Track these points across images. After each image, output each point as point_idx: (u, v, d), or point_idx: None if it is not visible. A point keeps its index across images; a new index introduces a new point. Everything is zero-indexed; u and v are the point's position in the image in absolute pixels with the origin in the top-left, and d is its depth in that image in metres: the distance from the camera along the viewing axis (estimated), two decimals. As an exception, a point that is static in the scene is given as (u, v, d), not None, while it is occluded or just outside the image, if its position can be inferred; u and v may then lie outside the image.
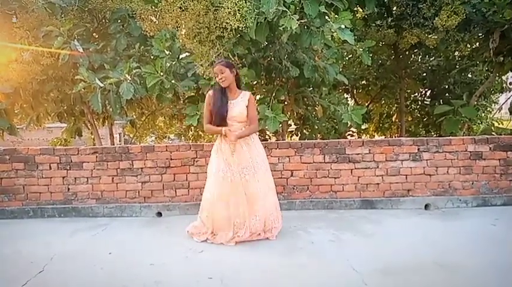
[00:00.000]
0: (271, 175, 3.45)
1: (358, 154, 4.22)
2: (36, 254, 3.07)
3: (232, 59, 4.03)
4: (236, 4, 3.40)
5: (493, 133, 5.88)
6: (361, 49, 4.45)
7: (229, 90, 3.29)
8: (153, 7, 4.14)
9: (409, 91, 7.92)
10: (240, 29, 3.57)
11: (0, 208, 4.16)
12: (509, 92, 7.39)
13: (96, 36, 5.49)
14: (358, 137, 7.75)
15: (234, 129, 3.20)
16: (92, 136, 6.84)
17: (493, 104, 8.38)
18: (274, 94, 4.62)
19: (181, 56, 4.52)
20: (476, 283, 2.47)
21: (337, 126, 6.23)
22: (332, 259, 2.90)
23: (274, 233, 3.34)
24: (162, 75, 4.11)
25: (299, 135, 6.61)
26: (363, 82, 8.02)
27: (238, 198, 3.20)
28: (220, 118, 3.21)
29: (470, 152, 4.21)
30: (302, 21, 3.59)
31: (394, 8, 5.83)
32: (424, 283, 2.48)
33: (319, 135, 6.49)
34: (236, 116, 3.23)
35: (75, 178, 4.20)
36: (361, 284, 2.48)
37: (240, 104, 3.25)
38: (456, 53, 6.75)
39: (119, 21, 4.98)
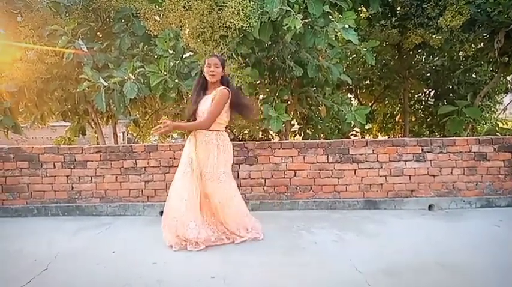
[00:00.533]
0: (231, 184, 3.28)
1: (362, 154, 4.21)
2: (40, 252, 3.08)
3: (236, 59, 4.03)
4: (240, 3, 3.41)
5: (498, 134, 5.85)
6: (365, 49, 4.45)
7: (210, 86, 3.20)
8: (157, 6, 4.16)
9: (413, 91, 7.89)
10: (244, 28, 3.56)
11: (5, 206, 4.19)
12: (514, 92, 7.36)
13: (100, 35, 5.51)
14: (362, 137, 7.73)
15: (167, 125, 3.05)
16: (96, 135, 6.87)
17: (498, 105, 8.33)
18: (277, 94, 4.61)
19: (185, 56, 4.52)
20: (480, 284, 2.46)
21: (340, 127, 6.22)
22: (335, 259, 2.89)
23: (238, 240, 3.21)
24: (166, 75, 4.12)
25: (302, 135, 6.60)
26: (366, 82, 8.00)
27: (192, 197, 3.11)
28: (191, 113, 3.22)
29: (474, 152, 4.19)
30: (306, 20, 3.59)
31: (398, 8, 5.81)
32: (427, 283, 2.47)
33: (322, 135, 6.48)
34: (203, 111, 3.15)
35: (79, 177, 4.22)
36: (364, 284, 2.47)
37: (207, 100, 3.16)
38: (460, 53, 6.71)
39: (123, 20, 5.00)
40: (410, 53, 6.86)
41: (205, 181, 3.15)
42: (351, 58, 7.09)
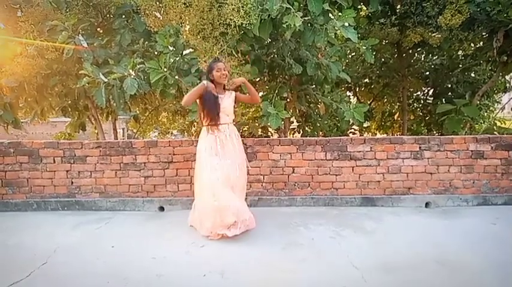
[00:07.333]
0: (246, 173, 3.62)
1: (360, 151, 4.24)
2: (40, 246, 3.11)
3: (236, 56, 4.05)
4: (240, 1, 3.42)
5: (495, 133, 5.88)
6: (364, 47, 4.46)
7: (219, 87, 3.46)
8: (158, 3, 4.17)
9: (411, 90, 7.92)
10: (244, 25, 3.58)
11: (5, 200, 4.21)
12: (512, 91, 7.39)
13: (101, 31, 5.50)
14: (360, 135, 7.75)
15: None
16: (96, 131, 6.87)
17: (496, 104, 8.36)
18: (276, 91, 4.63)
19: (185, 52, 4.53)
20: (476, 282, 2.49)
21: (339, 124, 6.23)
22: (332, 255, 2.93)
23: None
24: (166, 71, 4.12)
25: (301, 132, 6.63)
26: (365, 80, 8.03)
27: (224, 188, 3.27)
28: (216, 112, 3.38)
29: (471, 151, 4.22)
30: (306, 18, 3.60)
31: (398, 7, 5.82)
32: (423, 280, 2.51)
33: (321, 132, 6.50)
34: (225, 108, 3.44)
35: (79, 172, 4.24)
36: (361, 280, 2.51)
37: (227, 99, 3.48)
38: (460, 52, 6.75)
39: (124, 16, 4.99)
40: (410, 51, 6.89)
41: (239, 170, 3.44)
42: (350, 56, 7.12)
